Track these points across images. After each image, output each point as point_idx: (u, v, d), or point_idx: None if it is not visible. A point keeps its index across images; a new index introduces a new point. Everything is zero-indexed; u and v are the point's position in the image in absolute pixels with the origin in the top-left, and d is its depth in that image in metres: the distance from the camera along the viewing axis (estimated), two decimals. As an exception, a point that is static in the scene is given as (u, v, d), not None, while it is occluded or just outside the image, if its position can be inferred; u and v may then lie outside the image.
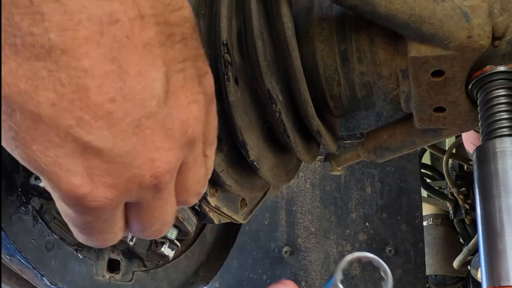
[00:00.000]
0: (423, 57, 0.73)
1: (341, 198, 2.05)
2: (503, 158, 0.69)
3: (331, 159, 1.01)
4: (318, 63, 0.83)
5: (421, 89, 0.77)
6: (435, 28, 0.71)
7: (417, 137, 0.89)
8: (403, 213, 2.01)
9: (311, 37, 0.83)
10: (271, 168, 0.82)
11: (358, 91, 0.86)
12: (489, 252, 0.66)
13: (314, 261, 2.03)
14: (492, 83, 0.74)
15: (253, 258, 2.09)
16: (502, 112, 0.72)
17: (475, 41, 0.71)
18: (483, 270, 0.67)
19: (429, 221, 2.99)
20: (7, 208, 0.62)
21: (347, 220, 2.03)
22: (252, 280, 2.07)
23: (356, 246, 2.01)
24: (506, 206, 0.66)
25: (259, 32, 0.74)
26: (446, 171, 2.61)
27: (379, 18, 0.73)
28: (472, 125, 0.82)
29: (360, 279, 1.98)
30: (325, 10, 0.83)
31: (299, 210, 2.08)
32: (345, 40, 0.82)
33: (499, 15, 0.72)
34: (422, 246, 1.99)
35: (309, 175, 2.09)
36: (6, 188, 0.62)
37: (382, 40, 0.79)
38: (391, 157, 0.96)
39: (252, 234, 2.09)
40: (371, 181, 2.04)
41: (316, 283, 2.02)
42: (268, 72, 0.75)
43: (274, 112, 0.77)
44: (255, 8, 0.75)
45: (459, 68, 0.74)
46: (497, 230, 0.66)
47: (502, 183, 0.67)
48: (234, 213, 0.83)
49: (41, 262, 0.66)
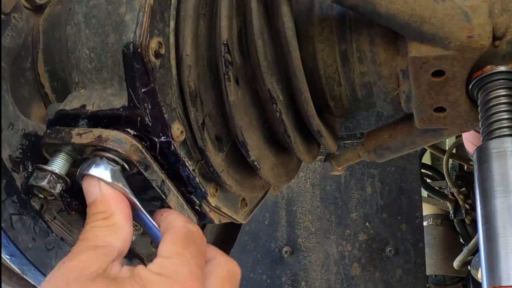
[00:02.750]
0: (424, 57, 0.73)
1: (341, 198, 2.05)
2: (503, 158, 0.69)
3: (331, 159, 1.01)
4: (319, 63, 0.83)
5: (422, 89, 0.77)
6: (435, 28, 0.71)
7: (417, 137, 0.89)
8: (403, 213, 2.01)
9: (311, 37, 0.83)
10: (271, 168, 0.82)
11: (358, 91, 0.86)
12: (489, 252, 0.66)
13: (314, 261, 2.04)
14: (492, 83, 0.74)
15: (253, 258, 2.09)
16: (502, 112, 0.72)
17: (475, 41, 0.71)
18: (483, 270, 0.67)
19: (429, 221, 2.99)
20: (7, 208, 0.62)
21: (347, 220, 2.03)
22: (252, 280, 2.07)
23: (356, 246, 2.01)
24: (506, 206, 0.66)
25: (260, 32, 0.74)
26: (446, 171, 2.61)
27: (379, 18, 0.73)
28: (473, 125, 0.82)
29: (360, 279, 1.98)
30: (325, 10, 0.83)
31: (299, 210, 2.08)
32: (346, 40, 0.82)
33: (500, 15, 0.72)
34: (422, 246, 1.99)
35: (309, 175, 2.09)
36: (6, 188, 0.62)
37: (383, 40, 0.79)
38: (391, 157, 0.96)
39: (252, 234, 2.09)
40: (371, 181, 2.04)
41: (316, 283, 2.02)
42: (269, 72, 0.75)
43: (274, 112, 0.77)
44: (255, 8, 0.75)
45: (459, 68, 0.74)
46: (497, 230, 0.66)
47: (502, 183, 0.67)
48: (234, 213, 0.83)
49: (42, 262, 0.66)
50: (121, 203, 0.59)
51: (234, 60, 0.74)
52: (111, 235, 0.55)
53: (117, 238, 0.55)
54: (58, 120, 0.67)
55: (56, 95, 0.74)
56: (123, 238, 0.56)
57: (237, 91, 0.74)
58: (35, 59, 0.73)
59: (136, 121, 0.64)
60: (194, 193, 0.73)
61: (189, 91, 0.68)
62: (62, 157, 0.64)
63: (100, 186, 0.59)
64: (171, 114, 0.67)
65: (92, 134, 0.63)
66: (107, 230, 0.56)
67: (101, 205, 0.58)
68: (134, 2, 0.63)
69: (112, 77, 0.67)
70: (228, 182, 0.76)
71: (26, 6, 0.72)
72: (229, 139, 0.78)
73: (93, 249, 0.53)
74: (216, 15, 0.74)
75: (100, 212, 0.57)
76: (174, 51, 0.68)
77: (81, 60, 0.69)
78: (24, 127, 0.66)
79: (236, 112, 0.73)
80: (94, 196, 0.59)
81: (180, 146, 0.69)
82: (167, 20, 0.67)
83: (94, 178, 0.59)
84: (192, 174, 0.71)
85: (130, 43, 0.61)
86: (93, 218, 0.57)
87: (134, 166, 0.64)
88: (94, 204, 0.58)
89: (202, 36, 0.73)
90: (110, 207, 0.58)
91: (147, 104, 0.64)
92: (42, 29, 0.74)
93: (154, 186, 0.66)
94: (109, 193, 0.59)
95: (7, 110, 0.64)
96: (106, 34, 0.67)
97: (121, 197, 0.59)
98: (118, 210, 0.58)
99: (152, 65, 0.62)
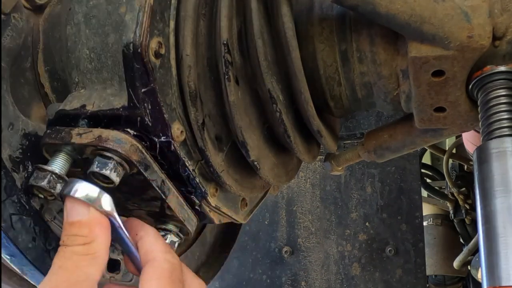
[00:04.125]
0: (424, 57, 0.73)
1: (341, 198, 2.05)
2: (503, 158, 0.69)
3: (331, 159, 1.01)
4: (319, 63, 0.83)
5: (422, 89, 0.77)
6: (435, 28, 0.71)
7: (417, 137, 0.89)
8: (403, 213, 2.01)
9: (311, 37, 0.83)
10: (271, 168, 0.82)
11: (358, 91, 0.86)
12: (489, 252, 0.66)
13: (314, 261, 2.03)
14: (492, 83, 0.74)
15: (253, 258, 2.09)
16: (502, 112, 0.72)
17: (475, 41, 0.71)
18: (483, 270, 0.67)
19: (429, 221, 2.99)
20: (7, 208, 0.62)
21: (347, 220, 2.03)
22: (252, 280, 2.07)
23: (356, 246, 2.01)
24: (506, 206, 0.66)
25: (260, 32, 0.74)
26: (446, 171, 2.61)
27: (379, 18, 0.73)
28: (473, 125, 0.82)
29: (360, 279, 1.98)
30: (325, 10, 0.83)
31: (299, 210, 2.08)
32: (346, 40, 0.82)
33: (500, 15, 0.72)
34: (422, 246, 1.99)
35: (309, 175, 2.09)
36: (6, 188, 0.62)
37: (383, 40, 0.79)
38: (391, 157, 0.96)
39: (252, 234, 2.09)
40: (371, 181, 2.04)
41: (316, 283, 2.02)
42: (269, 72, 0.75)
43: (274, 112, 0.77)
44: (255, 8, 0.75)
45: (459, 68, 0.74)
46: (497, 230, 0.66)
47: (502, 183, 0.67)
48: (234, 213, 0.83)
49: (42, 262, 0.66)
50: (104, 230, 0.57)
51: (234, 60, 0.74)
52: (91, 265, 0.54)
53: (97, 268, 0.55)
54: (58, 120, 0.67)
55: (56, 95, 0.74)
56: (101, 268, 0.56)
57: (237, 91, 0.74)
58: (35, 59, 0.73)
59: (136, 121, 0.64)
60: (194, 193, 0.73)
61: (189, 91, 0.68)
62: (62, 157, 0.64)
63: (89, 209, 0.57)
64: (171, 114, 0.67)
65: (92, 134, 0.63)
66: (87, 259, 0.54)
67: (85, 229, 0.56)
68: (134, 2, 0.63)
69: (112, 77, 0.67)
70: (228, 182, 0.76)
71: (26, 6, 0.72)
72: (229, 139, 0.78)
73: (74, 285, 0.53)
74: (216, 15, 0.74)
75: (82, 236, 0.55)
76: (174, 51, 0.68)
77: (81, 60, 0.69)
78: (24, 127, 0.66)
79: (236, 112, 0.73)
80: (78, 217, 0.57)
81: (180, 146, 0.69)
82: (167, 20, 0.67)
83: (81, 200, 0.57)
84: (192, 174, 0.71)
85: (130, 43, 0.61)
86: (73, 240, 0.55)
87: (134, 166, 0.64)
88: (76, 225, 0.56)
89: (202, 36, 0.73)
90: (93, 233, 0.56)
91: (147, 104, 0.64)
92: (42, 29, 0.74)
93: (154, 186, 0.66)
94: (96, 218, 0.57)
95: (7, 110, 0.64)
96: (106, 34, 0.67)
97: (106, 223, 0.58)
98: (100, 238, 0.56)
99: (152, 65, 0.62)
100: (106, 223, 0.58)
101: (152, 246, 0.61)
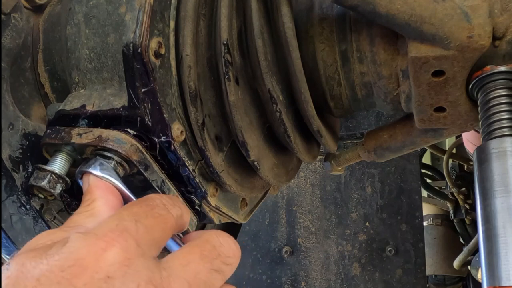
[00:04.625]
0: (424, 57, 0.73)
1: (341, 198, 2.05)
2: (503, 158, 0.69)
3: (331, 159, 1.01)
4: (319, 63, 0.83)
5: (422, 89, 0.77)
6: (435, 28, 0.71)
7: (417, 137, 0.89)
8: (403, 213, 2.01)
9: (311, 37, 0.83)
10: (271, 168, 0.82)
11: (358, 91, 0.86)
12: (489, 252, 0.66)
13: (314, 261, 2.04)
14: (492, 83, 0.74)
15: (253, 258, 2.09)
16: (502, 112, 0.72)
17: (475, 41, 0.71)
18: (483, 270, 0.67)
19: (429, 221, 2.99)
20: (7, 208, 0.62)
21: (347, 220, 2.03)
22: (252, 280, 2.07)
23: (356, 246, 2.01)
24: (506, 206, 0.66)
25: (260, 32, 0.74)
26: (446, 171, 2.61)
27: (379, 18, 0.73)
28: (473, 125, 0.82)
29: (360, 279, 1.98)
30: (325, 10, 0.83)
31: (299, 210, 2.08)
32: (346, 40, 0.82)
33: (500, 15, 0.72)
34: (422, 246, 1.99)
35: (309, 175, 2.10)
36: (6, 188, 0.62)
37: (383, 40, 0.79)
38: (391, 157, 0.96)
39: (252, 234, 2.09)
40: (371, 181, 2.04)
41: (316, 283, 2.02)
42: (269, 72, 0.75)
43: (274, 112, 0.77)
44: (255, 8, 0.75)
45: (459, 68, 0.74)
46: (497, 230, 0.66)
47: (502, 183, 0.67)
48: (234, 213, 0.83)
49: (42, 262, 0.66)
50: (106, 192, 0.59)
51: (234, 60, 0.74)
52: (86, 218, 0.54)
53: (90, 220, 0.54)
54: (58, 120, 0.67)
55: (56, 95, 0.74)
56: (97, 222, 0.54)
57: (237, 91, 0.74)
58: (35, 59, 0.73)
59: (136, 121, 0.64)
60: (194, 193, 0.73)
61: (189, 91, 0.68)
62: (62, 157, 0.64)
63: (89, 179, 0.59)
64: (171, 114, 0.67)
65: (92, 134, 0.63)
66: (84, 215, 0.55)
67: (87, 195, 0.58)
68: (134, 2, 0.63)
69: (112, 77, 0.67)
70: (228, 182, 0.76)
71: (26, 6, 0.72)
72: (229, 139, 0.78)
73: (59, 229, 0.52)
74: (216, 15, 0.74)
75: (85, 200, 0.57)
76: (174, 51, 0.68)
77: (81, 60, 0.69)
78: (24, 127, 0.66)
79: (236, 112, 0.73)
80: (84, 189, 0.59)
81: (180, 146, 0.69)
82: (167, 20, 0.67)
83: (86, 174, 0.60)
84: (192, 174, 0.71)
85: (130, 43, 0.61)
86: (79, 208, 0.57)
87: (134, 166, 0.64)
88: (83, 196, 0.58)
89: (202, 36, 0.73)
90: (93, 195, 0.57)
91: (147, 104, 0.64)
92: (42, 29, 0.74)
93: (154, 186, 0.66)
94: (95, 183, 0.59)
95: (7, 110, 0.64)
96: (106, 34, 0.67)
97: (108, 186, 0.59)
98: (101, 197, 0.57)
99: (152, 65, 0.62)
100: (107, 186, 0.59)
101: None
